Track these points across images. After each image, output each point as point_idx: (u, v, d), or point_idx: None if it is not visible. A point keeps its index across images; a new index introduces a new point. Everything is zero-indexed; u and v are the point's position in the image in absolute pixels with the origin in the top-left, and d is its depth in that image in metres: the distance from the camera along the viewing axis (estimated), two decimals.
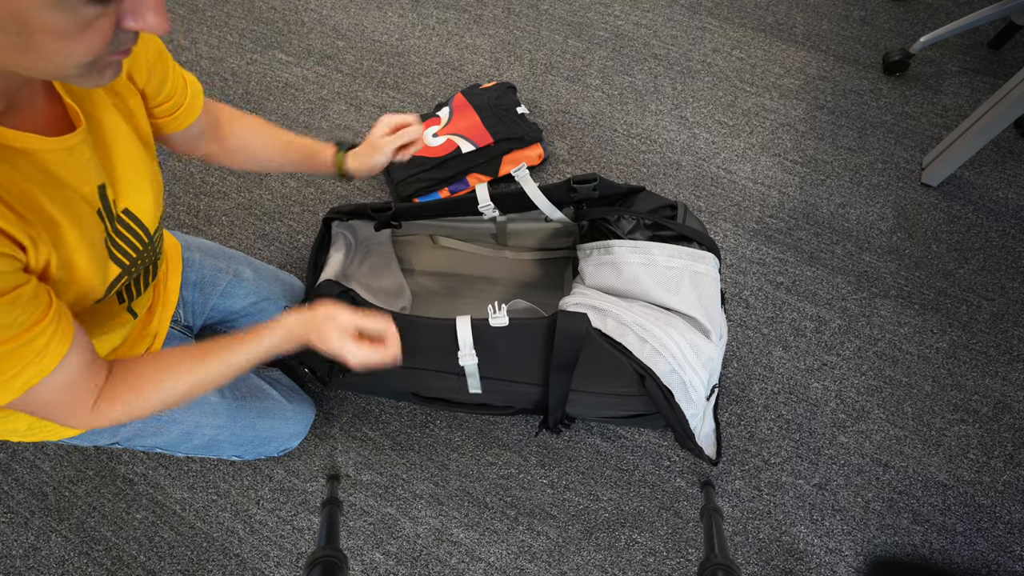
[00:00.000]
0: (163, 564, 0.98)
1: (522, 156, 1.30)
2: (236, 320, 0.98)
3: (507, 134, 1.28)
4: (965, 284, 1.19)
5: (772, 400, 1.09)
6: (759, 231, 1.26)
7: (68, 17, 0.36)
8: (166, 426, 0.83)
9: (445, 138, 1.28)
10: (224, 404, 0.88)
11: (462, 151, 1.26)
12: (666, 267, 0.81)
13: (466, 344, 0.77)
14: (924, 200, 1.29)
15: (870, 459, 1.04)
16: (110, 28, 0.39)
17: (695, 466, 1.04)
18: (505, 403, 0.89)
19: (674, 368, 0.76)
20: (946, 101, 1.42)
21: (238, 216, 1.30)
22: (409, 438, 1.07)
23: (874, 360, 1.12)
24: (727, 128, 1.40)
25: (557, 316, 0.74)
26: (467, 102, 1.32)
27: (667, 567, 0.97)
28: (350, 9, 1.64)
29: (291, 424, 0.97)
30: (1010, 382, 1.10)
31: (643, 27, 1.57)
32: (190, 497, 1.03)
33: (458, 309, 1.15)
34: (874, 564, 0.96)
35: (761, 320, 1.16)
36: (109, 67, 0.43)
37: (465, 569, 0.97)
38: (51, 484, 1.04)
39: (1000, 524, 0.99)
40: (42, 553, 1.00)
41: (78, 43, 0.38)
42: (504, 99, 1.33)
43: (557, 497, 1.02)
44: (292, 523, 1.01)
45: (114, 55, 0.42)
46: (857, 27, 1.55)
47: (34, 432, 0.72)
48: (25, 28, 0.36)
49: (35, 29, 0.36)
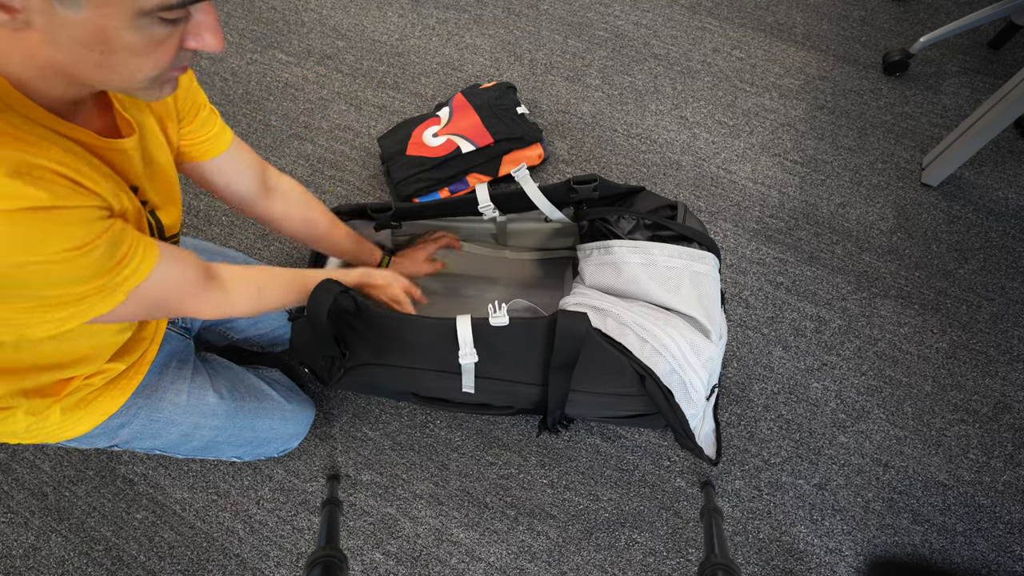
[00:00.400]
0: (163, 564, 0.98)
1: (522, 156, 1.30)
2: (235, 320, 0.98)
3: (507, 134, 1.28)
4: (965, 284, 1.19)
5: (772, 400, 1.09)
6: (759, 231, 1.26)
7: (143, 36, 0.42)
8: (165, 428, 0.83)
9: (445, 138, 1.28)
10: (223, 405, 0.88)
11: (462, 151, 1.26)
12: (666, 267, 0.81)
13: (466, 343, 0.77)
14: (924, 200, 1.29)
15: (870, 459, 1.04)
16: (175, 47, 0.45)
17: (695, 466, 1.04)
18: (505, 403, 0.89)
19: (674, 368, 0.76)
20: (946, 101, 1.42)
21: (238, 216, 1.30)
22: (409, 438, 1.07)
23: (874, 360, 1.12)
24: (727, 128, 1.40)
25: (557, 315, 0.74)
26: (467, 102, 1.32)
27: (667, 567, 0.97)
28: (350, 9, 1.64)
29: (290, 424, 0.97)
30: (1010, 382, 1.10)
31: (643, 27, 1.57)
32: (190, 497, 1.03)
33: (458, 309, 1.15)
34: (874, 564, 0.96)
35: (761, 320, 1.16)
36: (169, 82, 0.50)
37: (465, 569, 0.97)
38: (51, 484, 1.04)
39: (1000, 524, 0.99)
40: (42, 553, 1.00)
41: (149, 59, 0.44)
42: (504, 99, 1.33)
43: (557, 497, 1.02)
44: (292, 523, 1.01)
45: (174, 71, 0.48)
46: (857, 27, 1.55)
47: (32, 434, 0.72)
48: (107, 47, 0.42)
49: (115, 47, 0.42)
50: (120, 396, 0.77)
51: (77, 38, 0.41)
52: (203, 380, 0.88)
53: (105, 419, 0.76)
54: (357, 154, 1.39)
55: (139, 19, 0.41)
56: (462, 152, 1.26)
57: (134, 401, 0.79)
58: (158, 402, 0.82)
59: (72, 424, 0.74)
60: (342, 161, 1.38)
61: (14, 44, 0.42)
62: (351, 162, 1.38)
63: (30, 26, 0.40)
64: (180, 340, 0.90)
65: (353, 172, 1.37)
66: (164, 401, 0.83)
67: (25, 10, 0.39)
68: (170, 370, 0.85)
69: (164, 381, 0.83)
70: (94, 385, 0.73)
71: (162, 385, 0.83)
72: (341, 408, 1.10)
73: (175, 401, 0.83)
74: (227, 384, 0.91)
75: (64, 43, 0.41)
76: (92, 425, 0.76)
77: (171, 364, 0.85)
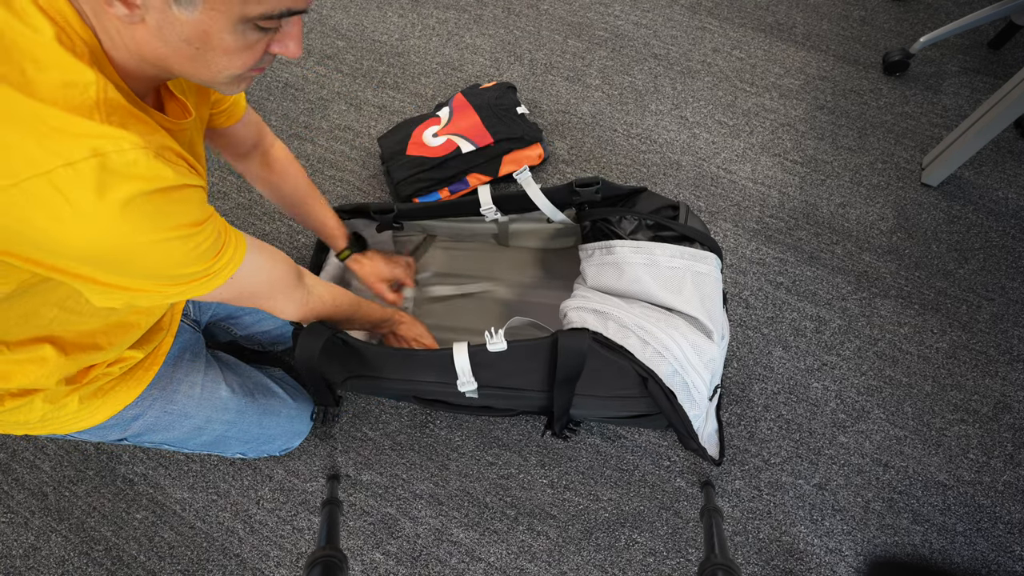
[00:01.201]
0: (163, 564, 0.98)
1: (522, 156, 1.30)
2: (240, 317, 0.98)
3: (507, 134, 1.28)
4: (965, 284, 1.19)
5: (772, 400, 1.09)
6: (759, 231, 1.26)
7: (239, 39, 0.46)
8: (178, 421, 0.83)
9: (445, 138, 1.28)
10: (235, 400, 0.88)
11: (462, 151, 1.26)
12: (668, 267, 0.81)
13: (465, 372, 0.77)
14: (924, 200, 1.29)
15: (870, 459, 1.04)
16: (262, 51, 0.49)
17: (695, 466, 1.04)
18: (507, 406, 0.89)
19: (676, 370, 0.76)
20: (946, 101, 1.42)
21: (238, 216, 1.30)
22: (409, 438, 1.07)
23: (874, 360, 1.12)
24: (727, 128, 1.40)
25: (558, 336, 0.74)
26: (467, 102, 1.32)
27: (667, 567, 0.97)
28: (350, 9, 1.63)
29: (295, 423, 0.97)
30: (1010, 382, 1.10)
31: (643, 27, 1.57)
32: (190, 497, 1.03)
33: (460, 309, 1.16)
34: (874, 564, 0.97)
35: (761, 320, 1.16)
36: (247, 80, 0.53)
37: (465, 569, 0.97)
38: (51, 484, 1.04)
39: (1000, 524, 0.99)
40: (42, 553, 1.00)
41: (238, 59, 0.48)
42: (504, 99, 1.33)
43: (557, 497, 1.02)
44: (292, 523, 1.01)
45: (254, 71, 0.52)
46: (857, 27, 1.55)
47: (45, 424, 0.72)
48: (206, 44, 0.46)
49: (213, 46, 0.46)
50: (137, 386, 0.77)
51: (183, 35, 0.44)
52: (216, 374, 0.88)
53: (121, 409, 0.76)
54: (357, 154, 1.39)
55: (240, 24, 0.45)
56: (462, 152, 1.26)
57: (149, 392, 0.79)
58: (173, 394, 0.82)
59: (88, 414, 0.74)
60: (342, 161, 1.38)
61: (126, 34, 0.46)
62: (351, 162, 1.38)
63: (144, 21, 0.44)
64: (192, 333, 0.90)
65: (353, 172, 1.37)
66: (179, 393, 0.83)
67: (144, 6, 0.43)
68: (184, 362, 0.85)
69: (179, 373, 0.83)
70: (113, 374, 0.74)
71: (176, 377, 0.83)
72: (341, 408, 1.10)
73: (189, 393, 0.84)
74: (237, 379, 0.91)
75: (170, 39, 0.45)
76: (108, 415, 0.76)
77: (185, 356, 0.86)
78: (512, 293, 1.16)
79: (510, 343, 0.75)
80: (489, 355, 0.76)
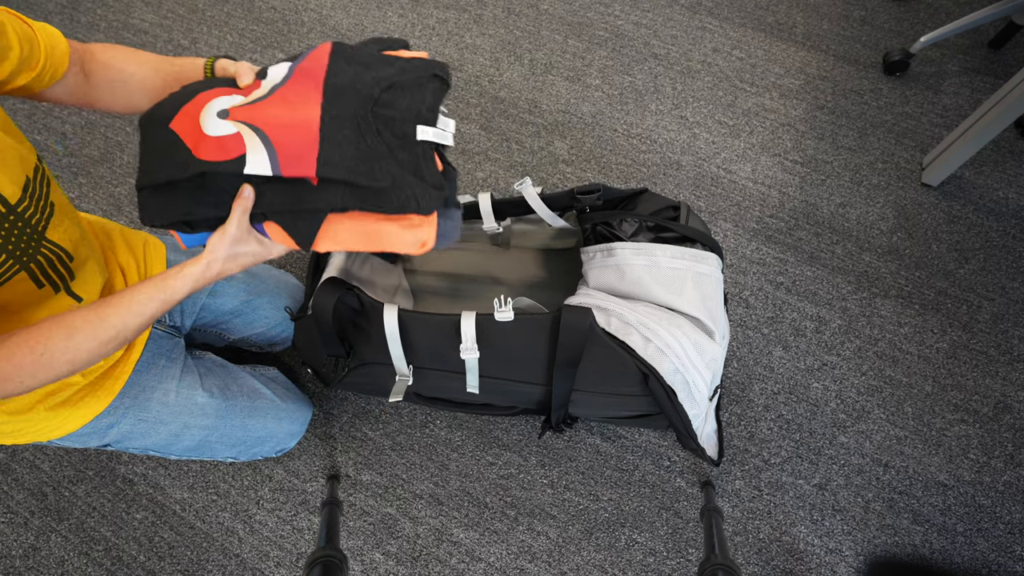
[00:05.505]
0: (163, 564, 0.98)
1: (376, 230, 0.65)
2: (228, 321, 0.97)
3: (354, 178, 0.60)
4: (965, 284, 1.19)
5: (772, 400, 1.09)
6: (759, 231, 1.26)
7: None
8: (154, 428, 0.83)
9: (235, 127, 0.61)
10: (212, 404, 0.87)
11: (247, 169, 0.60)
12: (669, 268, 0.81)
13: (468, 338, 0.77)
14: (924, 200, 1.29)
15: (870, 459, 1.04)
16: None
17: (695, 466, 1.04)
18: (508, 403, 0.89)
19: (677, 368, 0.76)
20: (946, 101, 1.42)
21: None
22: (409, 438, 1.07)
23: (874, 360, 1.12)
24: (727, 128, 1.40)
25: (561, 311, 0.74)
26: (321, 71, 0.62)
27: (667, 567, 0.97)
28: (350, 9, 1.63)
29: (285, 424, 0.96)
30: (1010, 382, 1.10)
31: (643, 27, 1.57)
32: (190, 497, 1.03)
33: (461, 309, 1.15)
34: (874, 564, 0.97)
35: (761, 320, 1.16)
36: None
37: (465, 569, 0.97)
38: (51, 484, 1.04)
39: (1000, 524, 0.99)
40: (42, 553, 1.00)
41: None
42: (400, 98, 0.61)
43: (557, 497, 1.02)
44: (292, 523, 1.01)
45: None
46: (857, 27, 1.55)
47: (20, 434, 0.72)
48: None
49: None
50: (106, 396, 0.77)
51: None
52: (192, 379, 0.87)
53: (92, 418, 0.76)
54: None
55: None
56: (244, 171, 0.60)
57: (120, 401, 0.79)
58: (146, 402, 0.82)
59: (60, 422, 0.74)
60: None
61: None
62: None
63: None
64: (168, 339, 0.89)
65: None
66: (152, 401, 0.82)
67: None
68: (158, 369, 0.84)
69: (151, 381, 0.83)
70: (77, 384, 0.73)
71: (149, 385, 0.82)
72: (341, 408, 1.10)
73: (163, 401, 0.83)
74: (218, 383, 0.90)
75: None
76: (80, 423, 0.76)
77: (159, 364, 0.85)
78: (512, 293, 1.16)
79: (516, 313, 0.76)
80: (495, 326, 0.76)
